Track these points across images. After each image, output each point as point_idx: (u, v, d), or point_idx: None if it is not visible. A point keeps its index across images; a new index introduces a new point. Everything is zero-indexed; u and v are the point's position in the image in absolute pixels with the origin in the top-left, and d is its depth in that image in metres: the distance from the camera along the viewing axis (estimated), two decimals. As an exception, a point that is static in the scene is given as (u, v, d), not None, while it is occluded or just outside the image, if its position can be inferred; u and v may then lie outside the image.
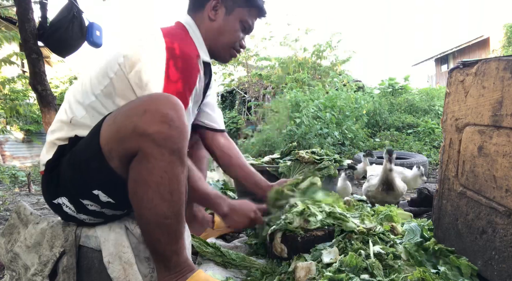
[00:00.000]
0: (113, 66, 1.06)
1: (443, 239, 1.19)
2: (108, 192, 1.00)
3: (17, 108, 3.42)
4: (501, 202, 0.90)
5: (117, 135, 0.91)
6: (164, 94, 0.96)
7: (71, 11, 2.47)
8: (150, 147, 0.87)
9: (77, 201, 1.02)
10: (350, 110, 5.95)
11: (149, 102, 0.90)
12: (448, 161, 1.17)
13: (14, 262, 1.08)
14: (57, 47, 2.56)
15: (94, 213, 1.05)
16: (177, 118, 0.89)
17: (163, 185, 0.89)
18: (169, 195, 0.90)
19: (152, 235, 0.95)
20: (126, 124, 0.89)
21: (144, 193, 0.90)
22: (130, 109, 0.92)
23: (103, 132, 0.93)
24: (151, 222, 0.92)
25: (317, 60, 9.37)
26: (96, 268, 1.06)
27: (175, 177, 0.90)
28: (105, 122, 0.95)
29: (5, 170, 5.22)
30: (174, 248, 0.96)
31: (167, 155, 0.88)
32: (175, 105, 0.90)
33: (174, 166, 0.90)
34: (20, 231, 1.14)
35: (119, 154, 0.91)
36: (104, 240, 1.05)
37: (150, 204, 0.90)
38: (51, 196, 1.07)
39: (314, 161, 1.97)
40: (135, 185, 0.91)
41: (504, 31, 16.49)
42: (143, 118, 0.87)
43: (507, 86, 0.88)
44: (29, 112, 7.28)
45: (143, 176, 0.89)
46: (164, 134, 0.87)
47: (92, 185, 0.99)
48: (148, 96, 0.94)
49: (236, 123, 10.27)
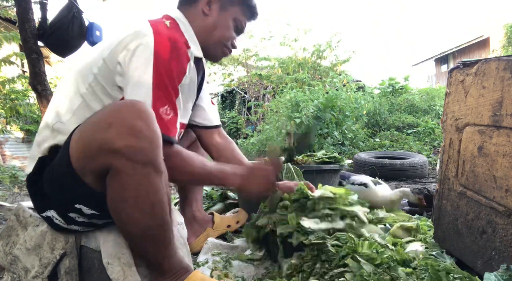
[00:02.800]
0: (98, 61, 1.03)
1: (443, 239, 1.19)
2: (90, 206, 0.97)
3: (17, 108, 3.43)
4: (501, 202, 0.90)
5: (85, 153, 0.87)
6: (128, 102, 0.91)
7: (71, 11, 2.47)
8: (121, 163, 0.83)
9: (65, 214, 1.00)
10: (350, 110, 5.95)
11: (113, 114, 0.85)
12: (448, 161, 1.17)
13: (14, 265, 1.08)
14: (57, 47, 2.56)
15: (85, 224, 1.03)
16: (146, 128, 0.84)
17: (140, 198, 0.86)
18: (149, 207, 0.88)
19: (139, 247, 0.93)
20: (92, 140, 0.85)
21: (122, 209, 0.87)
22: (95, 123, 0.87)
23: (72, 149, 0.89)
24: (135, 235, 0.91)
25: (317, 60, 9.37)
26: (96, 268, 1.06)
27: (152, 188, 0.87)
28: (73, 137, 0.91)
29: (5, 170, 5.22)
30: (164, 254, 0.94)
31: (139, 168, 0.84)
32: (142, 113, 0.85)
33: (150, 177, 0.86)
34: (19, 234, 1.13)
35: (91, 171, 0.88)
36: (103, 241, 1.05)
37: (131, 219, 0.88)
38: (39, 209, 1.05)
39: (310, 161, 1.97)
40: (113, 202, 0.88)
41: (504, 31, 16.50)
42: (108, 133, 0.82)
43: (507, 86, 0.88)
44: (29, 112, 7.28)
45: (119, 193, 0.86)
46: (133, 147, 0.82)
47: (72, 200, 0.96)
48: (112, 106, 0.90)
49: (236, 123, 10.26)
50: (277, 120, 5.80)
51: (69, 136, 0.93)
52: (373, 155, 3.91)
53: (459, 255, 1.10)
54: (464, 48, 20.03)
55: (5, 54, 3.23)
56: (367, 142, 6.17)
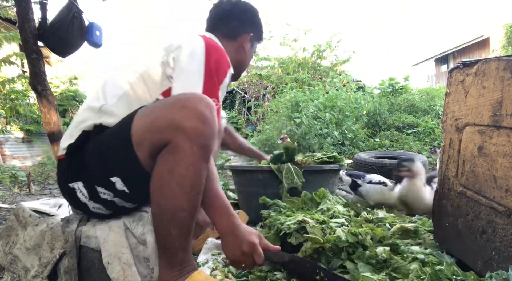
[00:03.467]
0: (152, 59, 1.17)
1: (443, 239, 1.19)
2: (126, 181, 1.02)
3: (17, 108, 3.43)
4: (501, 202, 0.90)
5: (151, 125, 0.95)
6: (201, 94, 1.01)
7: (71, 11, 2.47)
8: (183, 141, 0.91)
9: (92, 187, 1.05)
10: (350, 110, 5.95)
11: (187, 100, 0.95)
12: (448, 161, 1.17)
13: (13, 264, 1.08)
14: (57, 47, 2.55)
15: (105, 202, 1.07)
16: (211, 118, 0.94)
17: (187, 177, 0.93)
18: (189, 188, 0.94)
19: (165, 227, 0.96)
20: (163, 116, 0.94)
21: (167, 182, 0.93)
22: (168, 104, 0.98)
23: (136, 122, 0.98)
24: (167, 212, 0.94)
25: (317, 60, 9.37)
26: (96, 268, 1.06)
27: (199, 172, 0.94)
28: (139, 113, 1.00)
29: (5, 170, 5.22)
30: (183, 244, 0.97)
31: (196, 150, 0.92)
32: (211, 106, 0.96)
33: (200, 161, 0.94)
34: (19, 233, 1.13)
35: (150, 144, 0.95)
36: (103, 240, 1.05)
37: (171, 193, 0.93)
38: (67, 179, 1.09)
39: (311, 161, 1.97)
40: (160, 174, 0.94)
41: (504, 31, 16.50)
42: (181, 113, 0.92)
43: (507, 86, 0.88)
44: (29, 112, 7.28)
45: (170, 166, 0.93)
46: (198, 130, 0.91)
47: (112, 171, 1.02)
48: (186, 94, 1.00)
49: (236, 123, 10.27)
50: (277, 120, 5.80)
51: (134, 111, 1.02)
52: (373, 155, 3.91)
53: (459, 255, 1.09)
54: (464, 48, 20.03)
55: (5, 54, 3.23)
56: (367, 142, 6.17)
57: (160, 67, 1.15)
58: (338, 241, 1.14)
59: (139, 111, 1.02)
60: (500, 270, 0.82)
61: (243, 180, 2.05)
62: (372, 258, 1.08)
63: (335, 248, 1.14)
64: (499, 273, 0.81)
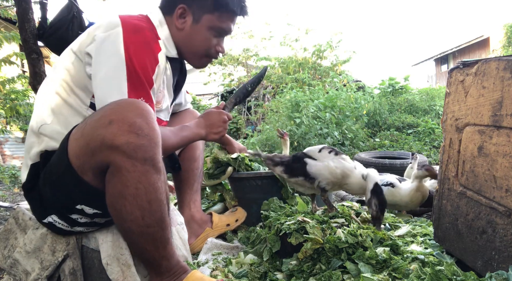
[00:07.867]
0: (69, 56, 1.04)
1: (443, 239, 1.19)
2: (91, 205, 0.97)
3: (17, 108, 3.42)
4: (501, 202, 0.90)
5: (85, 149, 0.87)
6: (129, 100, 0.91)
7: (71, 11, 2.46)
8: (121, 160, 0.84)
9: (67, 217, 1.00)
10: (350, 110, 5.95)
11: (114, 111, 0.86)
12: (448, 161, 1.17)
13: (14, 268, 1.08)
14: (57, 47, 2.54)
15: (87, 224, 1.03)
16: (146, 125, 0.85)
17: (139, 196, 0.87)
18: (147, 205, 0.88)
19: (138, 245, 0.93)
20: (93, 136, 0.85)
21: (122, 206, 0.87)
22: (96, 121, 0.87)
23: (70, 147, 0.90)
24: (134, 233, 0.90)
25: (317, 60, 9.36)
26: (96, 268, 1.06)
27: (151, 186, 0.88)
28: (72, 135, 0.92)
29: (5, 170, 5.21)
30: (163, 254, 0.94)
31: (139, 165, 0.85)
32: (142, 111, 0.86)
33: (149, 175, 0.87)
34: (18, 237, 1.13)
35: (91, 168, 0.89)
36: (102, 241, 1.05)
37: (129, 216, 0.88)
38: (39, 216, 1.04)
39: None
40: (112, 199, 0.88)
41: (504, 31, 16.50)
42: (109, 129, 0.83)
43: (507, 86, 0.88)
44: (29, 112, 7.26)
45: (118, 189, 0.86)
46: (133, 144, 0.83)
47: (73, 200, 0.96)
48: (113, 104, 0.89)
49: (236, 123, 10.26)
50: (277, 120, 5.80)
51: (66, 135, 0.93)
52: (373, 155, 3.91)
53: (459, 255, 1.09)
54: (464, 48, 20.02)
55: (5, 54, 3.22)
56: (367, 142, 6.16)
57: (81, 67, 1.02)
58: (338, 241, 1.14)
59: (72, 132, 0.92)
60: (500, 270, 0.83)
61: (241, 187, 2.00)
62: (372, 258, 1.08)
63: (335, 249, 1.14)
64: (499, 273, 0.81)
